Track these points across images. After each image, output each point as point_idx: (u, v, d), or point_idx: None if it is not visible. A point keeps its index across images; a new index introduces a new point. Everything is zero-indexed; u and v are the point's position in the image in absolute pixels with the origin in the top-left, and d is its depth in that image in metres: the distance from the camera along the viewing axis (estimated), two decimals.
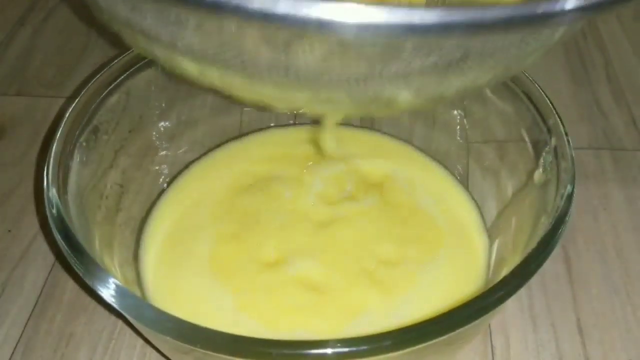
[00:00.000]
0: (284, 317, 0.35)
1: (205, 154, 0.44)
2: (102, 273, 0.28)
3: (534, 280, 0.29)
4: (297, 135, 0.46)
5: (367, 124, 0.46)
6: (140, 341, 0.37)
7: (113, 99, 0.37)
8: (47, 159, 0.32)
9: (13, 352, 0.37)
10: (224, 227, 0.40)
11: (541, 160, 0.34)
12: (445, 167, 0.43)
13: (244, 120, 0.46)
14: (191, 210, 0.41)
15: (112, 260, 0.35)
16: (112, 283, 0.28)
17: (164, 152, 0.42)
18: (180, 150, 0.43)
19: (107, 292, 0.28)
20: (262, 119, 0.46)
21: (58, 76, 0.55)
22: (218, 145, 0.45)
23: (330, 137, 0.37)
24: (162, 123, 0.42)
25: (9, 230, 0.43)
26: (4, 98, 0.53)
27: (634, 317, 0.38)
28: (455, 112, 0.43)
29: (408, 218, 0.40)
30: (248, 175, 0.43)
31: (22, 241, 0.43)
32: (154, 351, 0.37)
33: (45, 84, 0.54)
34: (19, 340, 0.37)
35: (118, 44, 0.59)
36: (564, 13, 0.18)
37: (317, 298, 0.36)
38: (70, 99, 0.52)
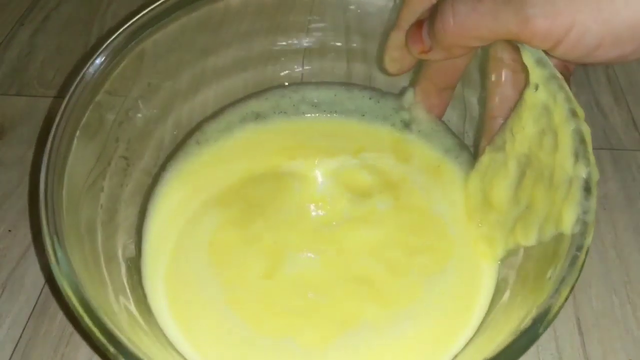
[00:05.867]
0: (273, 319, 0.34)
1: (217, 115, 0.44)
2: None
3: None
4: (316, 126, 0.44)
5: (388, 122, 0.44)
6: None
7: (123, 64, 0.37)
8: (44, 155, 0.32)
9: (13, 352, 0.37)
10: (228, 213, 0.39)
11: None
12: (467, 174, 0.40)
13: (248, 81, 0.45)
14: (200, 191, 0.40)
15: (115, 240, 0.35)
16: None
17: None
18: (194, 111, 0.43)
19: None
20: (262, 83, 0.45)
21: (58, 76, 0.55)
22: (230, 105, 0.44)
23: None
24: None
25: (9, 230, 0.43)
26: (4, 98, 0.53)
27: (633, 317, 0.38)
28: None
29: (420, 224, 0.38)
30: (261, 165, 0.41)
31: (22, 241, 0.43)
32: None
33: (45, 84, 0.54)
34: (19, 340, 0.37)
35: None
36: None
37: (311, 303, 0.35)
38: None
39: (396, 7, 0.38)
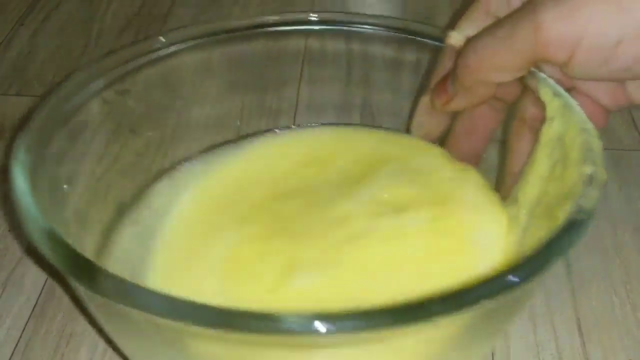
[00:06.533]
0: None
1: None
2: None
3: None
4: (352, 133, 0.42)
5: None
6: None
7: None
8: None
9: (13, 352, 0.37)
10: (249, 229, 0.35)
11: None
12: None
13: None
14: (225, 202, 0.37)
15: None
16: None
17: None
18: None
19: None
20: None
21: (58, 76, 0.55)
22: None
23: None
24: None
25: (9, 230, 0.43)
26: (4, 98, 0.53)
27: (634, 317, 0.38)
28: None
29: (454, 252, 0.33)
30: (291, 178, 0.38)
31: (22, 241, 0.43)
32: None
33: (45, 84, 0.54)
34: (19, 340, 0.37)
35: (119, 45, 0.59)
36: None
37: None
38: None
39: (427, 72, 0.39)
